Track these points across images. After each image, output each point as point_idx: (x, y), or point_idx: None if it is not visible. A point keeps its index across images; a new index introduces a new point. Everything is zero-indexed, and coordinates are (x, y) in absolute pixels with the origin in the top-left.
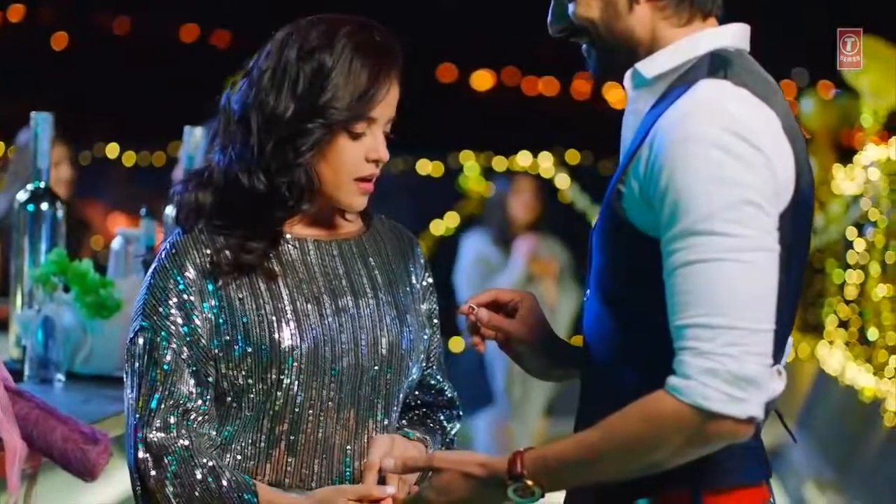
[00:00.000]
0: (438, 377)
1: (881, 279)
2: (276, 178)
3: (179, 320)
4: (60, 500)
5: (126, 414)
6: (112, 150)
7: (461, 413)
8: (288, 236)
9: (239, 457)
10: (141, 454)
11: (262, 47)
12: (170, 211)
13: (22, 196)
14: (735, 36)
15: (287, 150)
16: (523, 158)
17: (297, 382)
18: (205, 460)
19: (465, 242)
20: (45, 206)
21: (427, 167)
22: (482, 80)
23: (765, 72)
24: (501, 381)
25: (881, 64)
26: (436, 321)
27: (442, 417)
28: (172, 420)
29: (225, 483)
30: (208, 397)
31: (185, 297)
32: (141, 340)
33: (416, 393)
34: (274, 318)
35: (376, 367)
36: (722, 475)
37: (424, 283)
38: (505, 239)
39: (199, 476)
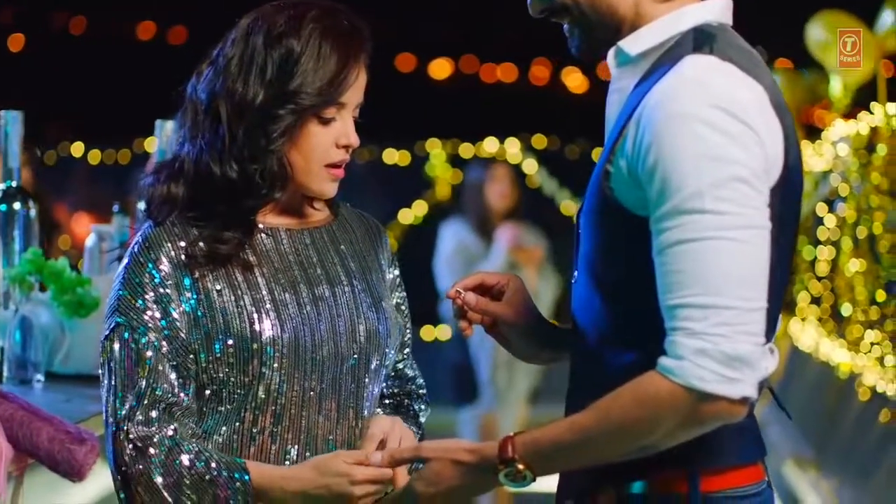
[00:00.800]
0: (411, 366)
1: (853, 254)
2: (248, 166)
3: (157, 314)
4: (47, 500)
5: (105, 413)
6: (77, 148)
7: (429, 401)
8: (260, 226)
9: (221, 449)
10: (126, 451)
11: (227, 34)
12: (141, 205)
13: None
14: (718, 11)
15: (258, 137)
16: (490, 144)
17: (278, 374)
18: (190, 446)
19: (444, 231)
20: (17, 205)
21: (394, 156)
22: (440, 68)
23: (749, 46)
24: (487, 370)
25: None
26: (406, 311)
27: (416, 406)
28: (154, 414)
29: (214, 465)
30: (189, 391)
31: (162, 290)
32: (118, 337)
33: (390, 382)
34: (253, 308)
35: (355, 356)
36: (717, 455)
37: (392, 275)
38: (484, 227)
39: (186, 462)
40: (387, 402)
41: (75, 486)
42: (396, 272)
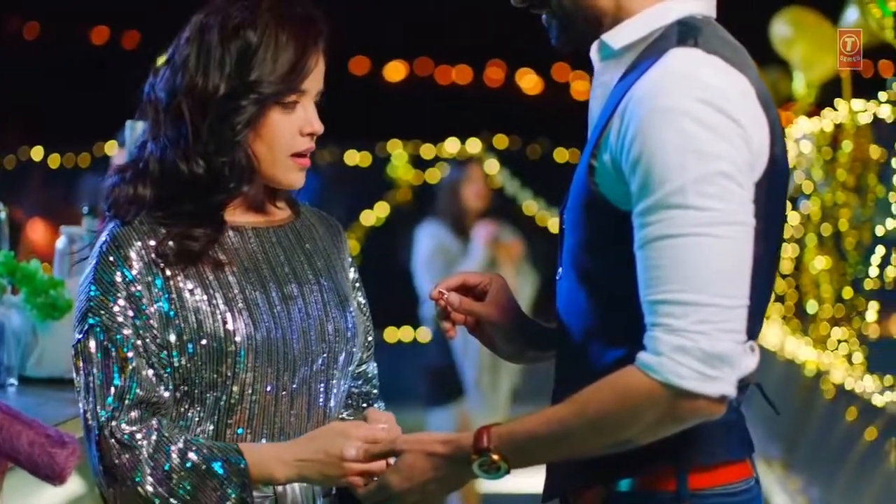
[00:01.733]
0: (373, 367)
1: (818, 251)
2: (214, 160)
3: (130, 313)
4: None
5: (85, 417)
6: (37, 152)
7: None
8: (227, 224)
9: None
10: (113, 450)
11: (180, 32)
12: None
13: None
14: (702, 3)
15: (223, 130)
16: (451, 145)
17: (251, 373)
18: (177, 437)
19: (420, 233)
20: None
21: (355, 157)
22: (395, 71)
23: (734, 39)
24: (473, 372)
25: (812, 34)
26: (367, 311)
27: (377, 405)
28: (136, 413)
29: (206, 451)
30: (169, 387)
31: (134, 289)
32: (93, 338)
33: (353, 381)
34: (226, 308)
35: (325, 354)
36: (706, 452)
37: (353, 275)
38: (460, 227)
39: (176, 453)
40: (350, 402)
41: (47, 489)
42: (356, 274)
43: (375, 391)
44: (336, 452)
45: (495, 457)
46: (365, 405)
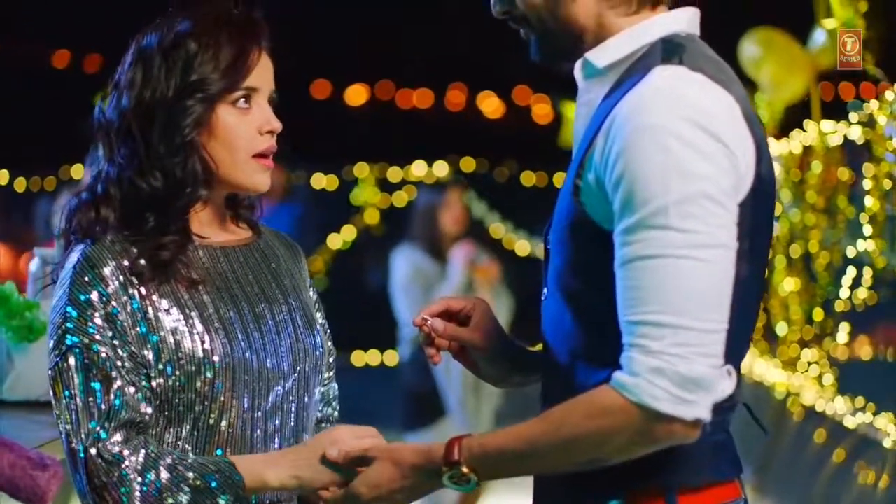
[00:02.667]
0: (335, 388)
1: (787, 273)
2: (168, 165)
3: (109, 333)
4: None
5: (68, 439)
6: (2, 176)
7: None
8: (197, 243)
9: None
10: (101, 469)
11: (124, 58)
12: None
13: None
14: (685, 21)
15: (172, 134)
16: (418, 168)
17: (228, 393)
18: (165, 453)
19: (396, 257)
20: None
21: (322, 181)
22: (356, 94)
23: (718, 56)
24: (457, 394)
25: (781, 55)
26: (328, 332)
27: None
28: (121, 434)
29: (197, 466)
30: (151, 405)
31: (111, 307)
32: (73, 359)
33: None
34: (203, 328)
35: (296, 375)
36: (695, 473)
37: (315, 296)
38: (437, 250)
39: (164, 469)
40: (315, 428)
41: None
42: (315, 294)
43: (336, 413)
44: (324, 442)
45: (465, 469)
46: (326, 425)
